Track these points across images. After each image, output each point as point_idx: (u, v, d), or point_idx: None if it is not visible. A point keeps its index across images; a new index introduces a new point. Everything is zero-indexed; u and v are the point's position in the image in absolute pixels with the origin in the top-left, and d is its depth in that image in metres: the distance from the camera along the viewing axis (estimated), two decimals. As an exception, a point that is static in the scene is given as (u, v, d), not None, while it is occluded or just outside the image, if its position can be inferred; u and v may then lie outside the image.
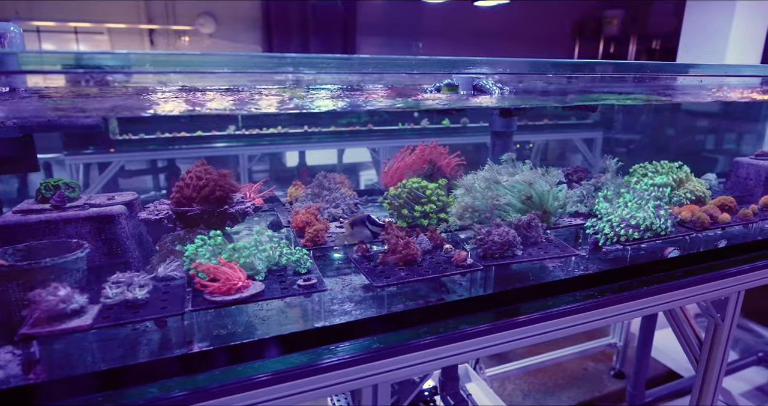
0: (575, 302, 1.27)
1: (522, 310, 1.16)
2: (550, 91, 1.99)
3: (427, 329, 1.05)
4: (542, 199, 1.38)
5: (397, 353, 1.03)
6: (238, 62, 1.11)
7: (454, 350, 1.06)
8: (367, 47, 7.92)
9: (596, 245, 1.42)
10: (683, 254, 1.42)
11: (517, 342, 1.13)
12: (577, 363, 3.69)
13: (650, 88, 2.08)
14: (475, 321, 1.07)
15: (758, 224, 1.57)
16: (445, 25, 7.95)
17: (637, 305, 1.35)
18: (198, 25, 6.89)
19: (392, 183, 1.69)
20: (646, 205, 1.37)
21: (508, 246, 1.20)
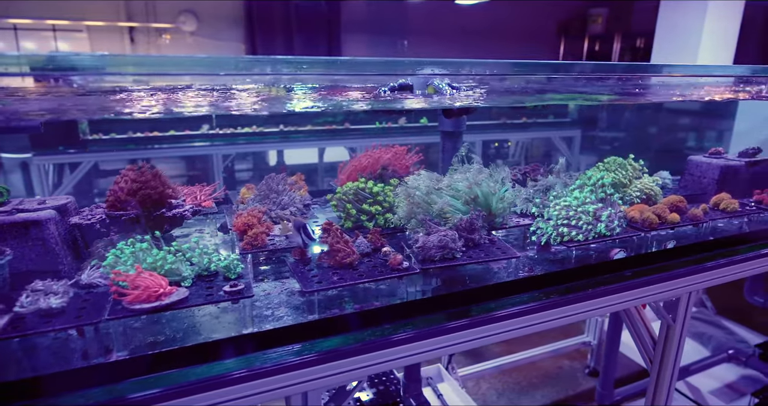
0: (519, 304, 1.25)
1: (459, 314, 1.14)
2: (511, 91, 1.97)
3: (356, 335, 1.03)
4: (487, 200, 1.36)
5: (325, 360, 1.01)
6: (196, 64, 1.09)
7: (380, 357, 1.04)
8: (352, 45, 7.89)
9: (543, 245, 1.40)
10: (631, 254, 1.41)
11: (448, 349, 1.11)
12: (552, 362, 3.69)
13: (610, 88, 2.07)
14: (403, 327, 1.05)
15: (708, 224, 1.56)
16: (431, 24, 7.93)
17: (584, 307, 1.34)
18: (179, 23, 6.81)
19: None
20: (590, 206, 1.36)
21: (447, 249, 1.19)
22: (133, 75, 1.19)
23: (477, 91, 1.86)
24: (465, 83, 1.73)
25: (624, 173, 1.62)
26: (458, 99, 1.71)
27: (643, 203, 1.61)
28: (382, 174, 1.63)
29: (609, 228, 1.37)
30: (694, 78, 2.18)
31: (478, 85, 1.71)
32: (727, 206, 1.59)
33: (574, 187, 1.44)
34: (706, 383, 3.03)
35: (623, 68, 1.93)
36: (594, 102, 2.29)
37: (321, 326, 1.02)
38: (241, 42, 7.36)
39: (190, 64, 1.17)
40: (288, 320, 1.04)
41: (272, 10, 7.34)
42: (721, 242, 1.53)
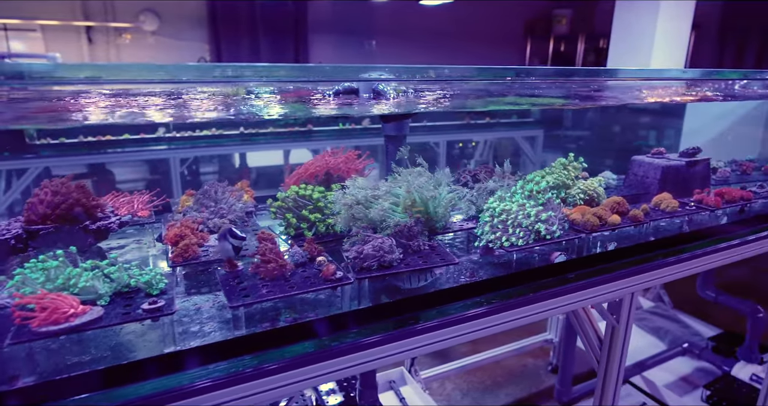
0: (460, 311, 1.24)
1: (394, 324, 1.12)
2: (455, 96, 1.97)
3: (283, 350, 1.00)
4: (426, 205, 1.34)
5: (251, 377, 0.97)
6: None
7: (309, 372, 1.01)
8: (319, 46, 7.82)
9: (485, 250, 1.40)
10: (572, 257, 1.41)
11: (376, 362, 1.08)
12: (516, 360, 3.73)
13: (564, 91, 2.09)
14: (335, 339, 1.02)
15: (649, 225, 1.59)
16: (398, 24, 7.93)
17: (526, 311, 1.34)
18: (139, 23, 6.61)
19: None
20: (531, 209, 1.36)
21: (383, 258, 1.16)
22: (84, 83, 1.13)
23: (429, 95, 1.84)
24: (413, 87, 1.71)
25: (566, 174, 1.63)
26: (406, 103, 1.69)
27: (586, 204, 1.62)
28: (326, 179, 1.60)
29: (549, 231, 1.37)
30: (646, 81, 2.22)
31: (428, 89, 1.70)
32: (668, 206, 1.61)
33: (515, 190, 1.44)
34: (661, 377, 3.10)
35: (574, 73, 1.94)
36: (542, 106, 2.31)
37: (246, 343, 0.98)
38: (205, 42, 7.21)
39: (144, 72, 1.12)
40: (216, 336, 1.00)
41: (237, 10, 7.21)
42: (661, 242, 1.55)
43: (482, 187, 1.53)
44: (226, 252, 1.14)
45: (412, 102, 1.67)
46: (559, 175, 1.64)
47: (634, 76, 1.98)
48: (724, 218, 1.70)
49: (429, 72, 1.61)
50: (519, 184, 1.47)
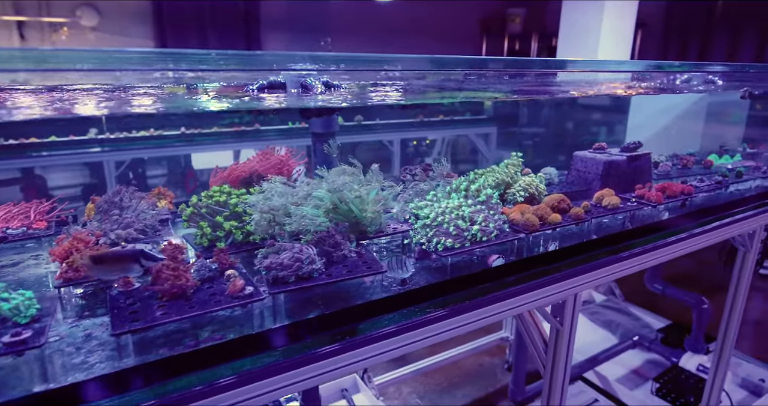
0: (391, 324, 1.14)
1: (312, 344, 1.00)
2: (406, 90, 1.87)
3: (176, 382, 0.86)
4: (353, 208, 1.23)
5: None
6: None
7: None
8: (272, 44, 7.59)
9: (420, 254, 1.30)
10: (511, 259, 1.34)
11: (287, 388, 0.96)
12: (473, 359, 3.69)
13: (508, 84, 2.03)
14: (230, 369, 0.90)
15: (591, 222, 1.53)
16: (355, 22, 7.81)
17: (462, 320, 1.25)
18: (76, 18, 6.21)
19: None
20: (466, 210, 1.27)
21: (301, 268, 1.04)
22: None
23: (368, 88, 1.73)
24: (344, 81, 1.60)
25: (506, 172, 1.56)
26: (337, 97, 1.58)
27: (527, 202, 1.55)
28: (250, 182, 1.47)
29: (486, 233, 1.29)
30: (589, 73, 2.19)
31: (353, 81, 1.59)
32: (609, 202, 1.57)
33: (450, 190, 1.35)
34: (613, 371, 3.12)
35: (514, 64, 1.88)
36: (482, 99, 2.25)
37: (133, 374, 0.84)
38: (150, 39, 6.86)
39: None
40: (98, 370, 0.85)
41: (184, 6, 6.91)
42: (603, 240, 1.50)
43: (417, 186, 1.43)
44: (124, 271, 0.99)
45: (344, 95, 1.56)
46: (500, 173, 1.57)
47: (572, 68, 1.94)
48: (666, 214, 1.67)
49: (369, 63, 1.51)
50: (455, 183, 1.38)
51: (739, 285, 2.25)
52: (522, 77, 1.93)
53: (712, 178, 1.92)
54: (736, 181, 2.02)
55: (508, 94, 1.81)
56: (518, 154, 1.61)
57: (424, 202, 1.29)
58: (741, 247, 2.15)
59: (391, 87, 1.80)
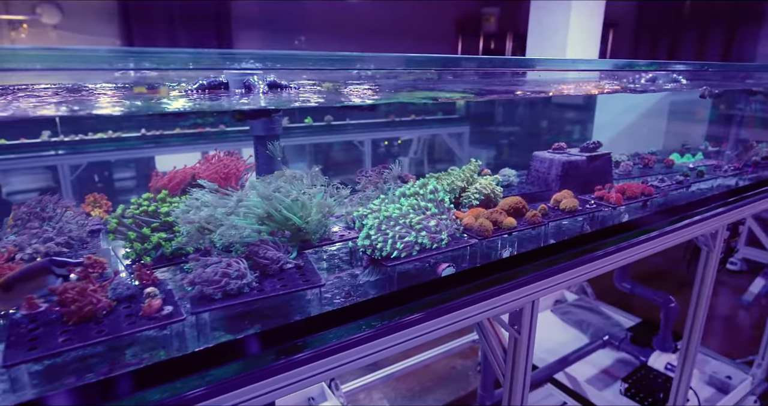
0: (330, 341, 1.06)
1: (242, 367, 0.92)
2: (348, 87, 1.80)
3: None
4: (290, 215, 1.15)
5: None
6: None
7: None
8: (244, 43, 7.45)
9: (368, 263, 1.23)
10: (465, 267, 1.28)
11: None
12: (445, 362, 3.64)
13: (473, 84, 1.97)
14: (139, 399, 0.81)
15: (548, 226, 1.48)
16: (330, 22, 7.71)
17: (408, 334, 1.18)
18: (36, 15, 5.98)
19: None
20: (413, 217, 1.21)
21: (229, 284, 0.96)
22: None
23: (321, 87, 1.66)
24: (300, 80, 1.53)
25: (462, 176, 1.50)
26: (286, 98, 1.49)
27: (483, 205, 1.49)
28: (187, 189, 1.38)
29: (435, 240, 1.23)
30: (555, 72, 2.15)
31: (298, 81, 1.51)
32: (567, 205, 1.52)
33: (399, 194, 1.28)
34: (583, 371, 3.11)
35: (479, 63, 1.82)
36: (448, 100, 2.20)
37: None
38: (116, 38, 6.65)
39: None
40: None
41: (151, 4, 6.73)
42: (560, 245, 1.45)
43: (365, 192, 1.36)
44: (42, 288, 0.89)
45: (288, 96, 1.48)
46: (455, 177, 1.51)
47: (538, 67, 1.90)
48: (626, 216, 1.63)
49: (322, 61, 1.43)
50: (405, 187, 1.31)
51: (703, 284, 2.24)
52: (491, 77, 1.88)
53: (673, 178, 1.90)
54: (697, 181, 2.01)
55: (467, 95, 1.76)
56: (477, 161, 1.55)
57: (368, 209, 1.22)
58: (704, 247, 2.13)
59: (359, 86, 1.73)
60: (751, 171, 2.23)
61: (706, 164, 2.11)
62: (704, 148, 2.49)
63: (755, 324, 4.12)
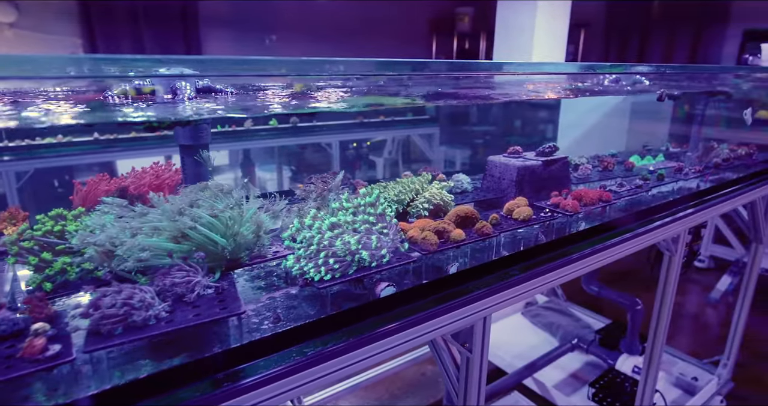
0: (258, 372, 0.97)
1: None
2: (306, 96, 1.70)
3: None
4: (210, 233, 1.05)
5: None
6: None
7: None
8: (213, 43, 7.26)
9: (303, 284, 1.14)
10: (409, 285, 1.19)
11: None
12: (415, 369, 3.56)
13: (431, 87, 1.89)
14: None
15: (498, 238, 1.41)
16: (302, 21, 7.57)
17: (349, 359, 1.09)
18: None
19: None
20: (350, 235, 1.12)
21: (130, 316, 0.86)
22: None
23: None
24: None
25: (411, 187, 1.41)
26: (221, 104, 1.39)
27: (433, 215, 1.41)
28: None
29: (375, 257, 1.14)
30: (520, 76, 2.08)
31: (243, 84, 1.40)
32: (520, 214, 1.45)
33: (336, 208, 1.19)
34: (552, 376, 3.07)
35: (446, 67, 1.74)
36: (407, 105, 2.11)
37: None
38: (78, 37, 6.41)
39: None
40: None
41: (114, 2, 6.50)
42: (512, 258, 1.37)
43: (306, 204, 1.26)
44: None
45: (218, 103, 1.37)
46: (403, 185, 1.42)
47: (498, 71, 1.82)
48: (582, 224, 1.57)
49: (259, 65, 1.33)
50: (343, 199, 1.22)
51: (666, 288, 2.20)
52: (457, 80, 1.80)
53: (632, 182, 1.85)
54: (657, 185, 1.97)
55: (413, 100, 1.67)
56: (427, 174, 1.47)
57: (299, 225, 1.12)
58: (666, 251, 2.10)
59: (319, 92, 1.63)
60: (711, 174, 2.20)
61: (666, 167, 2.08)
62: (666, 150, 2.46)
63: (722, 322, 4.16)
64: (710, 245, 5.07)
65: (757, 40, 3.79)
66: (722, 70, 2.05)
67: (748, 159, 2.43)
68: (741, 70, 2.23)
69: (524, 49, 3.80)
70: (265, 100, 1.60)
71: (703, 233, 2.29)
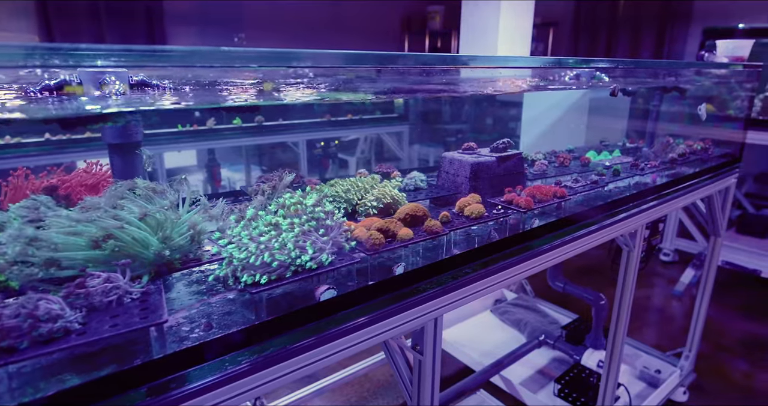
0: (183, 386, 0.91)
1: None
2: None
3: None
4: (141, 234, 0.98)
5: None
6: None
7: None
8: (179, 40, 7.09)
9: (240, 289, 1.08)
10: (352, 287, 1.14)
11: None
12: (384, 370, 3.52)
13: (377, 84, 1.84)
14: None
15: (449, 236, 1.37)
16: (272, 18, 7.45)
17: (288, 366, 1.04)
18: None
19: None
20: (289, 234, 1.06)
21: (35, 329, 0.79)
22: None
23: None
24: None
25: (360, 185, 1.37)
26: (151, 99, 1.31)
27: (382, 213, 1.37)
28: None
29: (315, 259, 1.09)
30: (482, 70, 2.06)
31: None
32: (472, 211, 1.42)
33: (275, 209, 1.13)
34: (520, 373, 3.07)
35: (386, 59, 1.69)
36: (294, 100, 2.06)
37: None
38: (35, 34, 6.17)
39: None
40: None
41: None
42: (463, 257, 1.34)
43: (248, 203, 1.20)
44: None
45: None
46: (352, 185, 1.37)
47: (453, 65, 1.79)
48: (536, 221, 1.55)
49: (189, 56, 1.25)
50: (283, 199, 1.16)
51: (625, 283, 2.21)
52: (418, 75, 1.76)
53: (587, 178, 1.84)
54: (613, 180, 1.97)
55: (383, 95, 1.62)
56: (375, 175, 1.42)
57: (235, 226, 1.07)
58: (624, 246, 2.11)
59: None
60: (667, 169, 2.22)
61: (622, 162, 2.08)
62: (623, 145, 2.48)
63: (686, 314, 4.25)
64: (675, 239, 5.18)
65: (716, 37, 3.88)
66: (670, 65, 2.07)
67: (704, 154, 2.47)
68: (693, 66, 2.26)
69: (489, 48, 3.80)
70: (218, 96, 1.54)
71: (662, 228, 2.32)
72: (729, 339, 3.83)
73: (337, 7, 7.88)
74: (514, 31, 3.84)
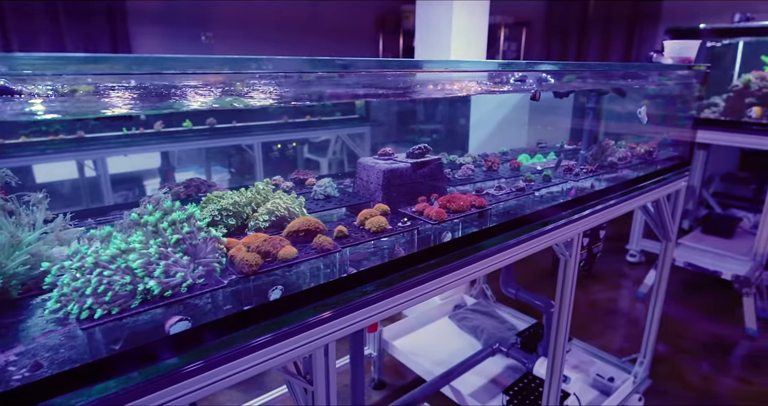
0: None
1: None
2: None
3: None
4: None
5: None
6: None
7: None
8: (143, 40, 6.89)
9: (82, 322, 0.95)
10: (219, 316, 1.03)
11: None
12: (340, 379, 3.41)
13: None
14: None
15: (341, 254, 1.26)
16: (242, 17, 7.29)
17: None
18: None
19: None
20: (137, 260, 0.94)
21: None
22: None
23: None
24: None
25: (248, 195, 1.25)
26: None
27: (275, 227, 1.25)
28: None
29: (169, 285, 0.97)
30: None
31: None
32: (372, 224, 1.31)
33: (134, 223, 1.01)
34: (471, 383, 2.98)
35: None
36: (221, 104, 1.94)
37: None
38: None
39: None
40: None
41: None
42: (357, 277, 1.23)
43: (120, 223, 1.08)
44: None
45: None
46: (240, 197, 1.25)
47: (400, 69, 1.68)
48: (448, 235, 1.45)
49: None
50: (145, 213, 1.04)
51: (564, 292, 2.13)
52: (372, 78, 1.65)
53: (513, 185, 1.75)
54: (543, 186, 1.87)
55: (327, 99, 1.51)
56: (266, 182, 1.31)
57: (73, 250, 0.94)
58: (561, 255, 2.02)
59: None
60: (606, 173, 2.14)
61: (555, 166, 1.99)
62: (560, 147, 2.40)
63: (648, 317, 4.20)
64: (641, 240, 5.16)
65: (678, 37, 3.84)
66: (611, 67, 1.99)
67: (647, 157, 2.40)
68: (632, 68, 2.18)
69: (443, 49, 3.73)
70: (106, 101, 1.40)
71: (602, 235, 2.24)
72: (690, 341, 3.80)
73: (311, 7, 7.76)
74: (469, 31, 3.76)
